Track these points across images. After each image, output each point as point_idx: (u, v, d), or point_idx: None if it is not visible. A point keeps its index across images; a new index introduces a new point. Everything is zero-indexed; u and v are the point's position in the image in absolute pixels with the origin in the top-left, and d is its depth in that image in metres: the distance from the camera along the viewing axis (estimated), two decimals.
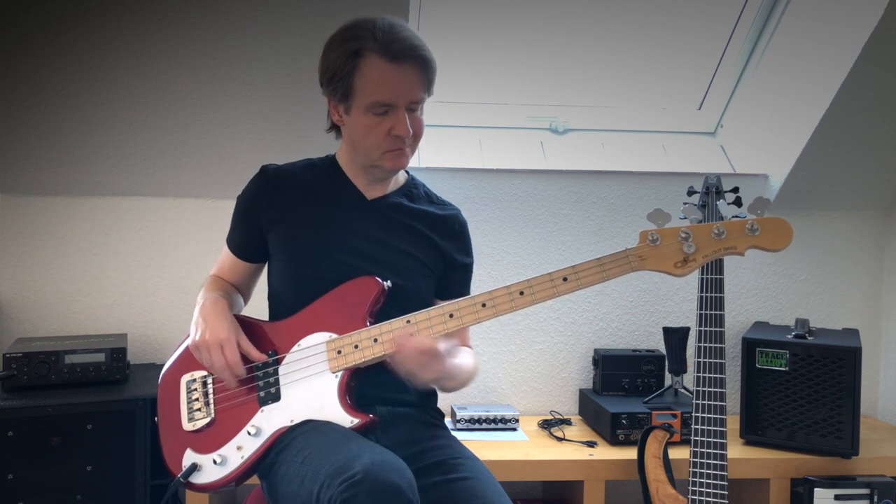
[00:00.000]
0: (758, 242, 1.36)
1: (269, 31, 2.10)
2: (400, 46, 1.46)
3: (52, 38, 2.06)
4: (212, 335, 1.50)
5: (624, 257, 1.41)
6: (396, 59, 1.46)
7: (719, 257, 1.41)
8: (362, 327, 1.49)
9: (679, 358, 2.34)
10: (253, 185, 1.65)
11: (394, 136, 1.51)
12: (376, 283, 1.52)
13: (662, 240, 1.39)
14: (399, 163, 1.56)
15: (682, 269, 1.39)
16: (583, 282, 1.42)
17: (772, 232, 1.36)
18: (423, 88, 1.51)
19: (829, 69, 2.26)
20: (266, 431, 1.49)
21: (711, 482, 1.84)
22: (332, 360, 1.49)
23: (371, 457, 1.27)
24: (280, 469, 1.43)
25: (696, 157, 2.65)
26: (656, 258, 1.40)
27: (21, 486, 1.95)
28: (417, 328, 1.46)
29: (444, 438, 1.60)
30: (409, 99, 1.50)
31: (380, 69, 1.47)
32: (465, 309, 1.46)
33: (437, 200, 1.71)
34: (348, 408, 1.47)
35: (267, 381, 1.52)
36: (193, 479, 1.51)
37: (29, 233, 2.40)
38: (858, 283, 2.64)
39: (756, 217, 1.36)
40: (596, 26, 2.58)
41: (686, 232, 1.38)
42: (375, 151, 1.54)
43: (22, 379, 2.03)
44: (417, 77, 1.49)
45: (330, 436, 1.40)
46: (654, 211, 1.41)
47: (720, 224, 1.37)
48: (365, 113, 1.51)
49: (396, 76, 1.47)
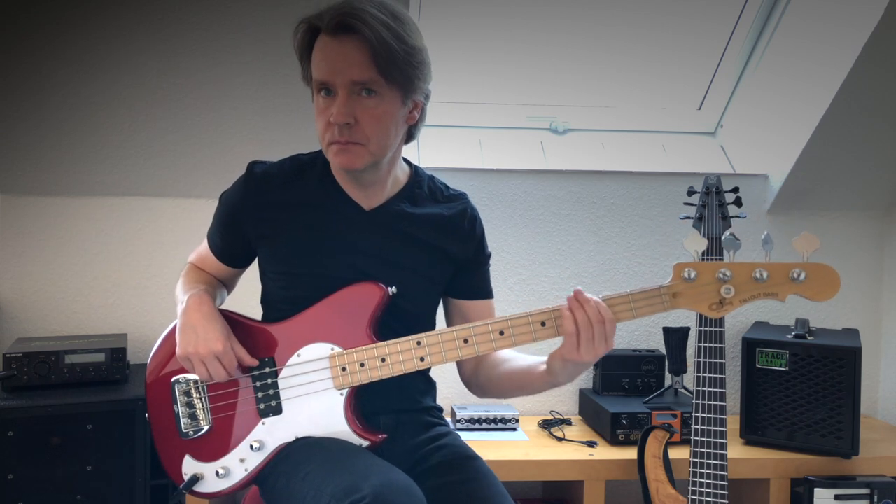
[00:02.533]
0: (801, 291, 1.24)
1: (269, 31, 2.10)
2: (340, 18, 1.30)
3: (52, 38, 2.06)
4: (205, 346, 1.39)
5: (657, 294, 1.31)
6: (335, 32, 1.31)
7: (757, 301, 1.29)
8: (364, 337, 1.41)
9: (679, 358, 2.34)
10: (239, 187, 1.51)
11: (331, 123, 1.34)
12: (379, 289, 1.42)
13: (699, 277, 1.28)
14: (343, 160, 1.37)
15: (717, 311, 1.28)
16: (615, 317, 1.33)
17: (818, 280, 1.24)
18: (369, 68, 1.31)
19: (829, 69, 2.25)
20: (269, 446, 1.44)
21: (711, 482, 1.84)
22: (336, 377, 1.41)
23: (379, 477, 1.22)
24: (278, 482, 1.37)
25: (696, 157, 2.65)
26: (691, 297, 1.28)
27: (21, 486, 1.95)
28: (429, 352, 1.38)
29: (447, 438, 1.55)
30: (347, 77, 1.32)
31: (321, 44, 1.34)
32: (481, 336, 1.37)
33: (443, 197, 1.55)
34: (357, 428, 1.41)
35: (266, 392, 1.45)
36: (195, 488, 1.47)
37: (29, 233, 2.40)
38: (858, 283, 2.64)
39: (802, 263, 1.24)
40: (596, 26, 2.58)
41: (726, 272, 1.26)
42: (323, 141, 1.39)
43: (22, 379, 2.03)
44: (360, 53, 1.30)
45: (332, 451, 1.35)
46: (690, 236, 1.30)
47: (762, 267, 1.26)
48: (316, 96, 1.38)
49: (334, 51, 1.32)
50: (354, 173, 1.43)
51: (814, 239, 1.24)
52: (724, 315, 1.30)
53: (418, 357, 1.39)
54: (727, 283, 1.27)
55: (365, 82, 1.33)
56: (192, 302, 1.45)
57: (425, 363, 1.39)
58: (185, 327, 1.42)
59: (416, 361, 1.39)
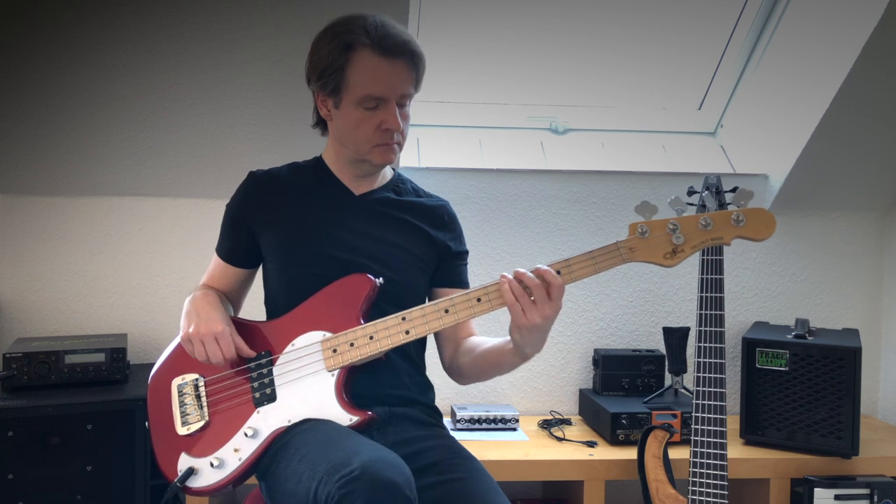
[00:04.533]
0: (742, 233, 1.40)
1: (268, 31, 2.10)
2: (393, 41, 1.50)
3: (52, 38, 2.06)
4: (206, 327, 1.49)
5: (615, 249, 1.42)
6: (388, 53, 1.50)
7: (707, 247, 1.46)
8: (356, 325, 1.49)
9: (679, 358, 2.34)
10: (242, 190, 1.66)
11: (384, 129, 1.53)
12: (368, 280, 1.52)
13: (651, 231, 1.42)
14: (388, 157, 1.58)
15: (671, 259, 1.42)
16: (576, 274, 1.42)
17: (756, 222, 1.39)
18: (412, 84, 1.55)
19: (829, 69, 2.26)
20: (263, 433, 1.49)
21: (711, 482, 1.84)
22: (327, 358, 1.49)
23: (369, 454, 1.28)
24: (278, 468, 1.43)
25: (696, 157, 2.65)
26: (646, 250, 1.42)
27: (21, 486, 1.95)
28: (413, 324, 1.47)
29: (441, 438, 1.59)
30: (399, 93, 1.53)
31: (373, 63, 1.50)
32: (461, 304, 1.46)
33: (425, 194, 1.73)
34: (346, 405, 1.47)
35: (262, 381, 1.51)
36: (191, 482, 1.50)
37: (29, 233, 2.40)
38: (858, 283, 2.64)
39: (740, 208, 1.40)
40: (596, 26, 2.58)
41: (674, 223, 1.41)
42: (365, 145, 1.56)
43: (22, 379, 2.03)
44: (408, 72, 1.53)
45: (328, 434, 1.40)
46: (640, 203, 1.44)
47: (706, 216, 1.40)
48: (356, 107, 1.53)
49: (388, 70, 1.50)
50: (377, 167, 1.63)
51: (749, 192, 1.41)
52: (678, 263, 1.42)
53: (403, 330, 1.47)
54: (677, 232, 1.41)
55: (409, 95, 1.56)
56: (198, 294, 1.60)
57: (410, 336, 1.48)
58: (190, 312, 1.54)
59: (402, 335, 1.48)
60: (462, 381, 1.71)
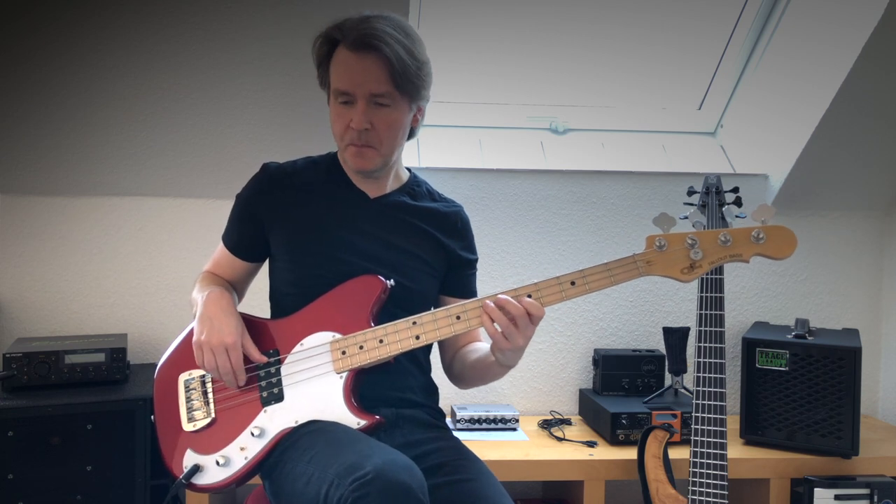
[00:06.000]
0: (763, 250, 1.38)
1: (269, 31, 2.10)
2: (360, 36, 1.46)
3: (52, 38, 2.06)
4: (218, 338, 1.47)
5: (632, 262, 1.41)
6: (356, 48, 1.47)
7: (725, 263, 1.43)
8: (366, 327, 1.48)
9: (679, 358, 2.34)
10: (254, 182, 1.64)
11: (351, 128, 1.50)
12: (379, 281, 1.51)
13: (669, 245, 1.40)
14: (358, 162, 1.54)
15: (688, 275, 1.40)
16: (591, 286, 1.42)
17: (777, 240, 1.37)
18: (386, 82, 1.47)
19: (829, 69, 2.26)
20: (270, 432, 1.48)
21: (711, 482, 1.84)
22: (336, 360, 1.48)
23: (382, 457, 1.27)
24: (285, 468, 1.42)
25: (696, 157, 2.65)
26: (663, 263, 1.41)
27: (21, 486, 1.95)
28: (424, 329, 1.46)
29: (447, 439, 1.59)
30: (367, 90, 1.48)
31: (342, 57, 1.49)
32: (472, 311, 1.44)
33: (440, 198, 1.71)
34: (354, 409, 1.46)
35: (269, 381, 1.51)
36: (195, 480, 1.49)
37: (29, 233, 2.40)
38: (858, 283, 2.64)
39: (761, 225, 1.38)
40: (596, 26, 2.58)
41: (693, 238, 1.39)
42: (341, 143, 1.56)
43: (22, 379, 2.03)
44: (379, 69, 1.47)
45: (337, 435, 1.40)
46: (659, 215, 1.42)
47: (726, 232, 1.39)
48: (334, 102, 1.53)
49: (355, 65, 1.48)
50: (355, 171, 1.59)
51: (770, 209, 1.37)
52: (695, 279, 1.41)
53: (414, 335, 1.46)
54: (695, 248, 1.39)
55: (382, 94, 1.48)
56: (212, 296, 1.55)
57: (421, 341, 1.46)
58: (203, 318, 1.51)
59: (412, 340, 1.46)
60: (460, 386, 1.71)
